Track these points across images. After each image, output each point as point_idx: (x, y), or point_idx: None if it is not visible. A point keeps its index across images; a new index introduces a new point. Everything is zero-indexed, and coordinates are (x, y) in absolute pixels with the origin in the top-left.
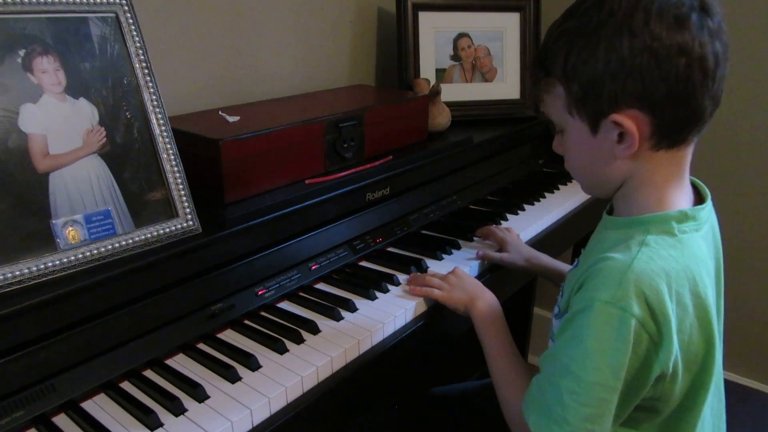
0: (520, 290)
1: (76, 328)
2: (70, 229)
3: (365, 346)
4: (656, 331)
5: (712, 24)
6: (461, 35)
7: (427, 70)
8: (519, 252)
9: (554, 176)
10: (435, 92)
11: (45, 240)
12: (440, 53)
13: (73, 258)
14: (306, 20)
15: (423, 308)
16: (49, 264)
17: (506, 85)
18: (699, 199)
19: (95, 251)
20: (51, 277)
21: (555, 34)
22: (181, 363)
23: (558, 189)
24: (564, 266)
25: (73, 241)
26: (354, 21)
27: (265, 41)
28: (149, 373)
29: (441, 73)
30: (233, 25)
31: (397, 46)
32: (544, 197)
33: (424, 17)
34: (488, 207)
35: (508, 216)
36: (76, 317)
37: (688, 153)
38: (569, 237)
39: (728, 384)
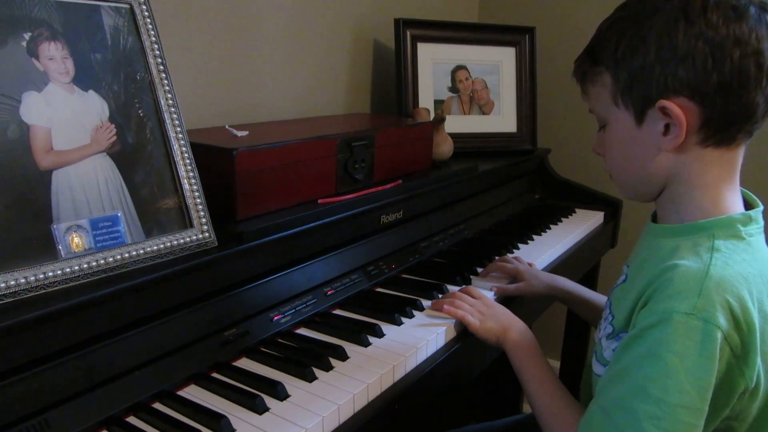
0: None
1: (75, 352)
2: (74, 235)
3: (400, 373)
4: (739, 343)
5: None
6: (459, 67)
7: (426, 101)
8: (537, 278)
9: (555, 209)
10: (440, 119)
11: (44, 246)
12: (438, 84)
13: (76, 268)
14: (304, 45)
15: (453, 333)
16: (49, 274)
17: (503, 119)
18: (749, 207)
19: (102, 261)
20: (50, 289)
21: (606, 25)
22: (194, 394)
23: (561, 221)
24: (586, 291)
25: (77, 249)
26: (350, 50)
27: (263, 64)
28: (159, 406)
29: (439, 104)
30: (231, 44)
31: (396, 76)
32: (549, 228)
33: (423, 48)
34: (496, 237)
35: (520, 245)
36: (75, 339)
37: (739, 155)
38: (580, 267)
39: None
